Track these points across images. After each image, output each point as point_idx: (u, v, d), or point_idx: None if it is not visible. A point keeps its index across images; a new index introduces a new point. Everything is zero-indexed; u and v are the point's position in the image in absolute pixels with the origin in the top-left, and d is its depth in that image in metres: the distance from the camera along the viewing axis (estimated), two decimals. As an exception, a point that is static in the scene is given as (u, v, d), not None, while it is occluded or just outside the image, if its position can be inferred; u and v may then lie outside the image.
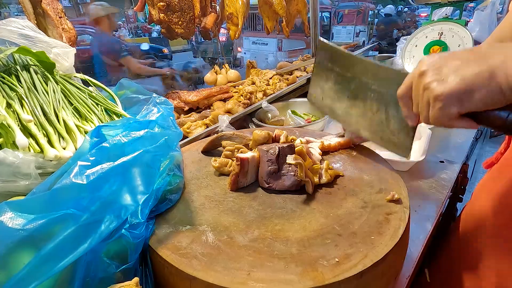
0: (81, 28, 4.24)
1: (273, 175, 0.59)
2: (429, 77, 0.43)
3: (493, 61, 0.38)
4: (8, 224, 0.35)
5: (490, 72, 0.38)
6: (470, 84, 0.39)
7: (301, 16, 1.92)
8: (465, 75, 0.39)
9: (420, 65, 0.45)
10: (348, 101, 0.67)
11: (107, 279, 0.41)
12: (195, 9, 1.27)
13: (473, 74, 0.39)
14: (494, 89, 0.38)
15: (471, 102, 0.40)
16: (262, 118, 1.23)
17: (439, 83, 0.41)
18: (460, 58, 0.41)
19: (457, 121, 0.43)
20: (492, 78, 0.38)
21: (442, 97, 0.41)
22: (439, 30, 1.44)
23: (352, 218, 0.51)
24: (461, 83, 0.39)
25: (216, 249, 0.46)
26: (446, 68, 0.41)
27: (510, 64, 0.37)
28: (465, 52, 0.42)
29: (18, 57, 0.67)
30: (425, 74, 0.43)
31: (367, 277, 0.42)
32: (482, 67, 0.38)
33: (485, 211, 0.58)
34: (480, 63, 0.39)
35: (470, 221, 0.63)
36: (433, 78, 0.42)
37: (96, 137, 0.48)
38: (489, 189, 0.60)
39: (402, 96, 0.50)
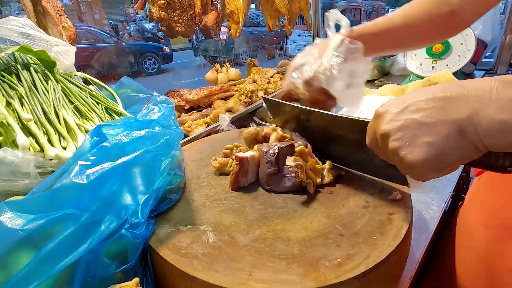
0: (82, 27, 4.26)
1: (274, 177, 0.58)
2: (393, 141, 0.38)
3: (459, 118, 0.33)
4: (8, 224, 0.35)
5: (458, 131, 0.33)
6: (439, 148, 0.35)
7: (303, 14, 1.91)
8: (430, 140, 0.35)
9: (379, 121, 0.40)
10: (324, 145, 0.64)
11: (107, 279, 0.41)
12: (195, 7, 1.27)
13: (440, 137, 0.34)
14: (468, 147, 0.34)
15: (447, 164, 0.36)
16: (263, 117, 1.23)
17: (408, 151, 0.37)
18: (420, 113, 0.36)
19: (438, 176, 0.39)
20: (463, 138, 0.33)
21: (415, 167, 0.37)
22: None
23: (354, 218, 0.50)
24: (430, 150, 0.35)
25: (217, 249, 0.46)
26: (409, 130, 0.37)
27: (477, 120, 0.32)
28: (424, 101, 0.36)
29: (18, 55, 0.67)
30: (388, 137, 0.39)
31: (369, 277, 0.41)
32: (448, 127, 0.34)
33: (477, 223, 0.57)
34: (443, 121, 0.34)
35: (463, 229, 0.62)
36: (398, 144, 0.38)
37: (97, 136, 0.48)
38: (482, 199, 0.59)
39: (374, 147, 0.45)
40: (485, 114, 0.31)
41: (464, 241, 0.61)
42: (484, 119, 0.32)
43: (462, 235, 0.62)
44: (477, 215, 0.58)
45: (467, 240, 0.60)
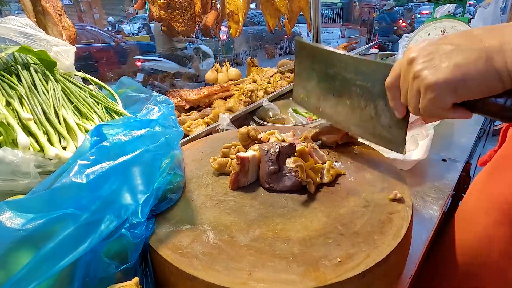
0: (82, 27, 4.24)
1: (274, 175, 0.58)
2: (419, 64, 0.39)
3: (490, 45, 0.35)
4: (7, 224, 0.34)
5: (487, 57, 0.35)
6: (465, 71, 0.36)
7: (303, 13, 1.91)
8: (459, 61, 0.36)
9: (409, 51, 0.41)
10: (334, 99, 0.64)
11: (107, 279, 0.41)
12: (195, 7, 1.27)
13: (469, 60, 0.35)
14: (492, 75, 0.35)
15: (467, 91, 0.37)
16: (263, 117, 1.23)
17: (431, 71, 0.38)
18: (453, 42, 0.38)
19: (450, 112, 0.40)
20: (490, 64, 0.35)
21: (435, 87, 0.38)
22: (442, 27, 1.42)
23: (354, 218, 0.50)
24: (456, 70, 0.36)
25: (217, 248, 0.46)
26: (438, 54, 0.38)
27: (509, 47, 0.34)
28: (458, 36, 0.38)
29: (18, 55, 0.67)
30: (415, 61, 0.40)
31: (369, 277, 0.41)
32: (478, 53, 0.35)
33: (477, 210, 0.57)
34: (475, 48, 0.36)
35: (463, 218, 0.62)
36: (424, 65, 0.39)
37: (97, 136, 0.48)
38: (481, 188, 0.59)
39: (391, 87, 0.47)
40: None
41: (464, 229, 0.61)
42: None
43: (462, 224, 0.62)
44: (477, 203, 0.59)
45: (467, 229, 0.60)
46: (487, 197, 0.56)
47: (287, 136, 0.73)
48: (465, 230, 0.60)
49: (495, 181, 0.55)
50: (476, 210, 0.58)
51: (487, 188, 0.57)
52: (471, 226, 0.58)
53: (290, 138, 0.71)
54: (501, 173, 0.54)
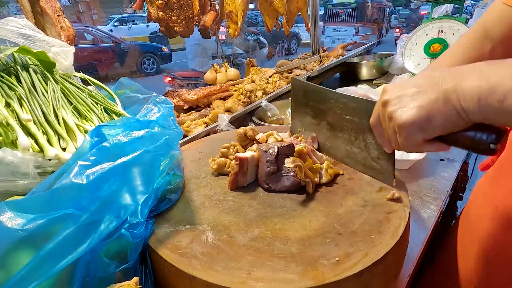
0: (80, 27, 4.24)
1: (273, 175, 0.59)
2: (391, 106, 0.44)
3: (446, 87, 0.39)
4: (7, 224, 0.35)
5: (444, 98, 0.39)
6: (428, 111, 0.40)
7: (301, 14, 1.92)
8: (421, 103, 0.41)
9: (383, 94, 0.47)
10: (328, 132, 0.69)
11: (106, 278, 0.41)
12: (194, 7, 1.27)
13: (430, 101, 0.40)
14: (452, 113, 0.39)
15: (433, 128, 0.41)
16: (261, 117, 1.23)
17: (401, 112, 0.43)
18: (418, 85, 0.42)
19: (425, 146, 0.44)
20: (447, 103, 0.39)
21: (405, 126, 0.42)
22: (439, 27, 1.43)
23: (352, 217, 0.50)
24: (419, 111, 0.41)
25: (216, 248, 0.46)
26: (405, 97, 0.43)
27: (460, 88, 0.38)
28: (422, 78, 0.43)
29: (17, 56, 0.67)
30: (388, 104, 0.45)
31: (367, 276, 0.42)
32: (437, 94, 0.40)
33: (482, 216, 0.58)
34: (434, 90, 0.40)
35: (468, 224, 0.63)
36: (394, 107, 0.44)
37: (96, 136, 0.48)
38: (485, 193, 0.60)
39: (375, 126, 0.52)
40: (465, 84, 0.38)
41: (468, 234, 0.61)
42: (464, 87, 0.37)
43: (466, 229, 0.63)
44: (481, 208, 0.59)
45: (471, 234, 0.60)
46: (491, 203, 0.56)
47: (284, 136, 0.73)
48: (469, 236, 0.61)
49: (499, 187, 0.55)
50: (480, 216, 0.58)
51: (491, 194, 0.57)
52: (475, 232, 0.59)
53: (287, 139, 0.72)
54: (505, 178, 0.55)
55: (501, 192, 0.54)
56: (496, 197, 0.55)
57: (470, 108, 0.37)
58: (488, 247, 0.55)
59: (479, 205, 0.60)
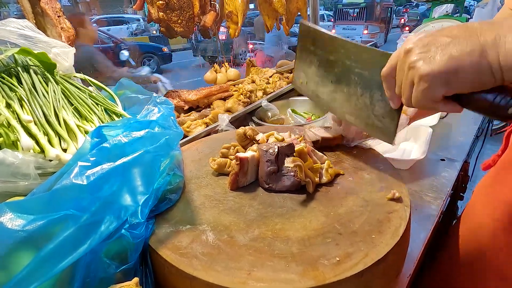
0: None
1: (273, 175, 0.59)
2: (415, 55, 0.40)
3: (485, 39, 0.35)
4: (8, 225, 0.35)
5: (481, 50, 0.35)
6: (459, 63, 0.36)
7: (301, 14, 1.92)
8: (453, 53, 0.36)
9: (407, 42, 0.42)
10: (332, 85, 0.65)
11: (107, 279, 0.41)
12: (194, 8, 1.27)
13: (463, 53, 0.36)
14: (484, 69, 0.35)
15: (459, 83, 0.38)
16: (262, 117, 1.23)
17: (426, 61, 0.38)
18: (449, 35, 0.38)
19: (441, 104, 0.41)
20: (483, 57, 0.35)
21: (428, 77, 0.38)
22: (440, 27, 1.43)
23: (352, 217, 0.50)
24: (449, 62, 0.37)
25: (216, 248, 0.46)
26: (435, 46, 0.38)
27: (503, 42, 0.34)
28: (456, 28, 0.38)
29: (18, 57, 0.67)
30: (411, 52, 0.40)
31: (368, 276, 0.42)
32: (473, 45, 0.36)
33: (484, 215, 0.57)
34: (470, 41, 0.36)
35: (469, 224, 0.63)
36: (419, 56, 0.39)
37: (97, 137, 0.48)
38: (487, 193, 0.59)
39: (386, 76, 0.47)
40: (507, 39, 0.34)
41: (470, 234, 0.61)
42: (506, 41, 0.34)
43: (468, 228, 0.63)
44: (483, 209, 0.59)
45: (473, 233, 0.60)
46: (493, 203, 0.56)
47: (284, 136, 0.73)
48: (471, 235, 0.61)
49: (501, 186, 0.55)
50: (482, 215, 0.58)
51: (493, 193, 0.57)
52: (477, 231, 0.58)
53: (288, 138, 0.72)
54: (507, 178, 0.54)
55: (502, 192, 0.54)
56: (497, 197, 0.55)
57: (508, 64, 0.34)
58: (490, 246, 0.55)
59: (480, 205, 0.60)
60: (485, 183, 0.62)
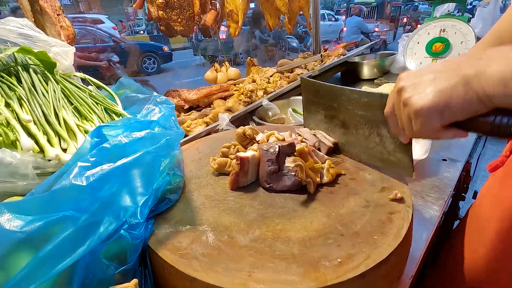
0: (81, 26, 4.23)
1: (274, 175, 0.58)
2: (407, 92, 0.43)
3: (467, 72, 0.38)
4: (6, 226, 0.34)
5: (464, 82, 0.38)
6: (447, 95, 0.39)
7: (303, 13, 1.91)
8: (441, 87, 0.40)
9: (398, 82, 0.46)
10: (340, 129, 0.69)
11: (106, 280, 0.41)
12: (194, 6, 1.26)
13: (449, 86, 0.39)
14: (472, 98, 0.38)
15: (451, 113, 0.40)
16: (262, 116, 1.23)
17: (417, 97, 0.42)
18: (436, 71, 0.42)
19: (443, 133, 0.43)
20: (468, 88, 0.38)
21: (422, 112, 0.41)
22: (441, 26, 1.42)
23: (354, 218, 0.50)
24: (438, 95, 0.40)
25: (216, 249, 0.46)
26: (423, 82, 0.42)
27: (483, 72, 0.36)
28: (441, 66, 0.42)
29: (18, 56, 0.67)
30: (403, 90, 0.44)
31: (370, 277, 0.41)
32: (457, 78, 0.38)
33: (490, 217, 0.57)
34: (454, 75, 0.39)
35: (475, 226, 0.62)
36: (411, 93, 0.43)
37: (97, 137, 0.48)
38: (494, 194, 0.59)
39: (389, 115, 0.51)
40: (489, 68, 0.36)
41: (476, 237, 0.61)
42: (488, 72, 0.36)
43: (474, 231, 0.62)
44: (490, 210, 0.58)
45: (479, 236, 0.59)
46: (501, 204, 0.55)
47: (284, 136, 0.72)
48: (477, 238, 0.60)
49: (508, 188, 0.55)
50: (489, 217, 0.58)
51: (500, 195, 0.56)
52: (483, 234, 0.58)
53: (288, 138, 0.71)
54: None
55: (510, 194, 0.54)
56: (505, 199, 0.54)
57: (494, 93, 0.36)
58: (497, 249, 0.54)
59: (487, 207, 0.60)
60: (492, 184, 0.61)
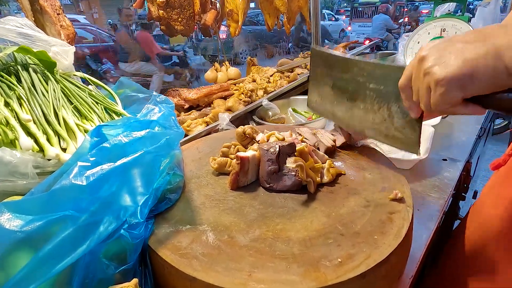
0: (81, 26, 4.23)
1: (274, 175, 0.58)
2: (429, 61, 0.40)
3: (499, 41, 0.35)
4: (6, 225, 0.34)
5: (495, 53, 0.35)
6: (473, 66, 0.36)
7: (302, 12, 1.91)
8: (468, 57, 0.37)
9: (421, 51, 0.43)
10: (348, 103, 0.66)
11: (106, 280, 0.41)
12: (194, 6, 1.26)
13: (477, 56, 0.36)
14: (500, 71, 0.35)
15: (475, 86, 0.37)
16: (262, 116, 1.23)
17: (440, 66, 0.39)
18: (463, 40, 0.39)
19: (461, 107, 0.41)
20: (498, 59, 0.35)
21: (444, 82, 0.39)
22: (442, 26, 1.42)
23: (354, 218, 0.50)
24: (464, 65, 0.37)
25: (216, 249, 0.46)
26: (448, 51, 0.39)
27: None
28: (468, 34, 0.39)
29: (18, 56, 0.66)
30: (426, 59, 0.41)
31: (370, 277, 0.41)
32: (487, 48, 0.36)
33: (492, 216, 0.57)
34: (484, 44, 0.36)
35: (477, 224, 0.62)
36: (434, 62, 0.40)
37: (97, 136, 0.48)
38: (497, 193, 0.59)
39: (404, 87, 0.48)
40: None
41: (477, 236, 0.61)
42: None
43: (475, 230, 0.62)
44: (492, 208, 0.58)
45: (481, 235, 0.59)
46: (503, 202, 0.55)
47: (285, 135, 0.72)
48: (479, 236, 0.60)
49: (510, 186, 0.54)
50: (490, 216, 0.57)
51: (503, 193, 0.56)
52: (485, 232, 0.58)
53: (289, 138, 0.71)
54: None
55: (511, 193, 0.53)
56: (507, 197, 0.54)
57: None
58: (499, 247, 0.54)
59: (489, 205, 0.59)
60: (494, 183, 0.61)
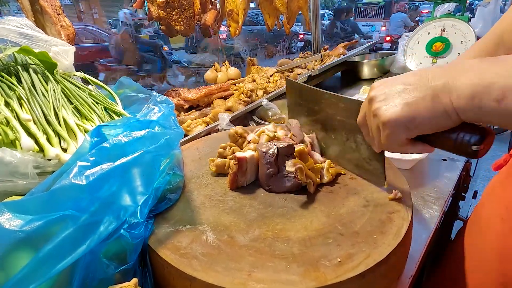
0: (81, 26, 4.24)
1: (273, 177, 0.58)
2: (376, 103, 0.43)
3: (435, 84, 0.37)
4: (6, 225, 0.34)
5: (433, 95, 0.37)
6: (414, 108, 0.39)
7: (302, 12, 1.91)
8: (408, 100, 0.39)
9: (371, 90, 0.45)
10: (321, 132, 0.69)
11: (106, 280, 0.41)
12: (195, 6, 1.26)
13: (417, 98, 0.39)
14: (439, 112, 0.37)
15: (418, 127, 0.40)
16: (262, 116, 1.23)
17: (385, 109, 0.41)
18: (404, 82, 0.41)
19: (408, 147, 0.43)
20: (436, 102, 0.37)
21: (389, 124, 0.41)
22: (442, 26, 1.42)
23: (354, 217, 0.50)
24: (405, 108, 0.39)
25: (216, 249, 0.46)
26: (392, 94, 0.41)
27: (454, 85, 0.36)
28: (410, 76, 0.42)
29: (18, 56, 0.66)
30: (373, 100, 0.44)
31: (370, 277, 0.41)
32: (425, 91, 0.38)
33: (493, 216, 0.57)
34: (423, 87, 0.39)
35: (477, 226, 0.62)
36: (379, 104, 0.42)
37: (96, 136, 0.48)
38: (498, 194, 0.59)
39: (361, 124, 0.51)
40: (457, 81, 0.36)
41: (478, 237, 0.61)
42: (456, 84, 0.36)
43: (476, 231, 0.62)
44: (493, 209, 0.58)
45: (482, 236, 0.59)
46: (504, 203, 0.55)
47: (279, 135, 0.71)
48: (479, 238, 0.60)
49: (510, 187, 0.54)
50: (491, 217, 0.57)
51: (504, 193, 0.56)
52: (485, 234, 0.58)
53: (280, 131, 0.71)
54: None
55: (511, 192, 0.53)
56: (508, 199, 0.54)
57: (462, 107, 0.35)
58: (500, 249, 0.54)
59: (490, 206, 0.59)
60: (495, 184, 0.61)
